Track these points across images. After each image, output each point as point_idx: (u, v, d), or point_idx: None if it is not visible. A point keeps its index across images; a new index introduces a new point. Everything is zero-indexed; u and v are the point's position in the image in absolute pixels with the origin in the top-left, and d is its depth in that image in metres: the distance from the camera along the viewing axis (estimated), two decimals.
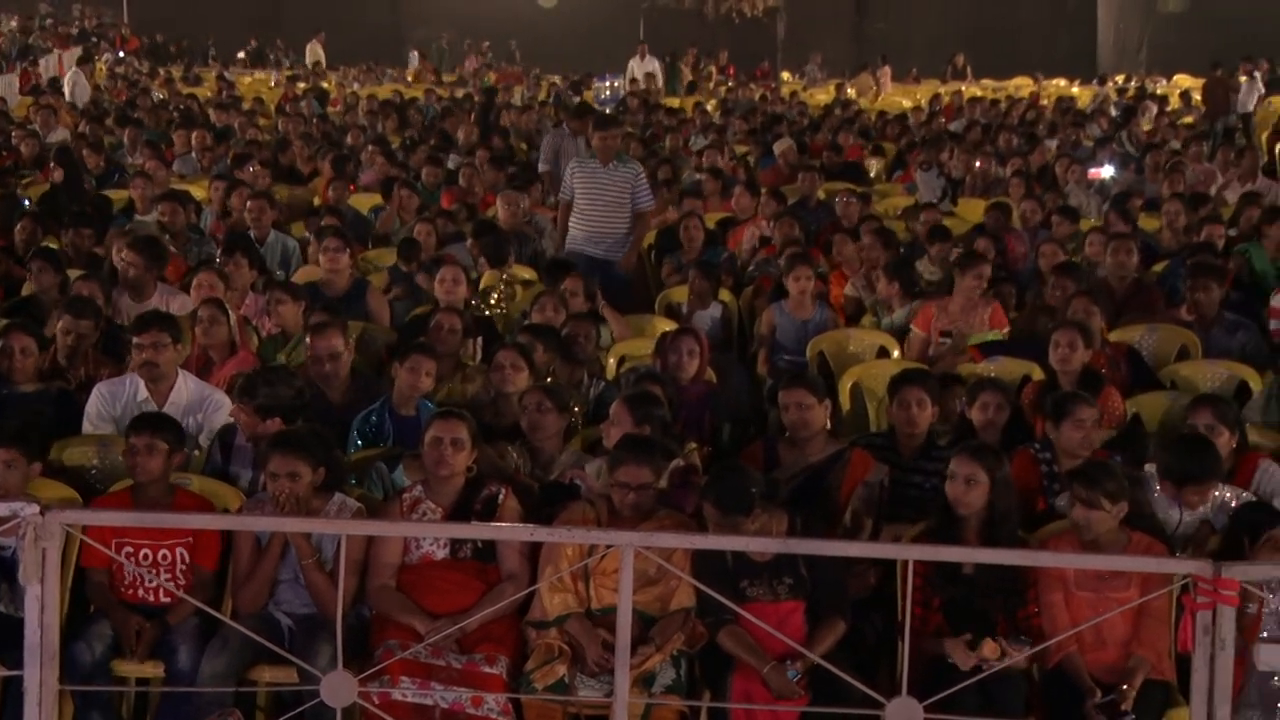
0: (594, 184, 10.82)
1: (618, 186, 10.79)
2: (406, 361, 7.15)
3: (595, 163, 10.85)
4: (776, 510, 5.84)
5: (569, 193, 11.02)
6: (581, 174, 10.91)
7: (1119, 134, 18.80)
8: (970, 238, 11.03)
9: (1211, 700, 4.24)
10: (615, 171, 10.80)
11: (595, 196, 10.80)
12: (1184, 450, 6.24)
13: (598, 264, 10.51)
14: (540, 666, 5.55)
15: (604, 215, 10.79)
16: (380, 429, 7.06)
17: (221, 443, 6.72)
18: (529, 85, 28.39)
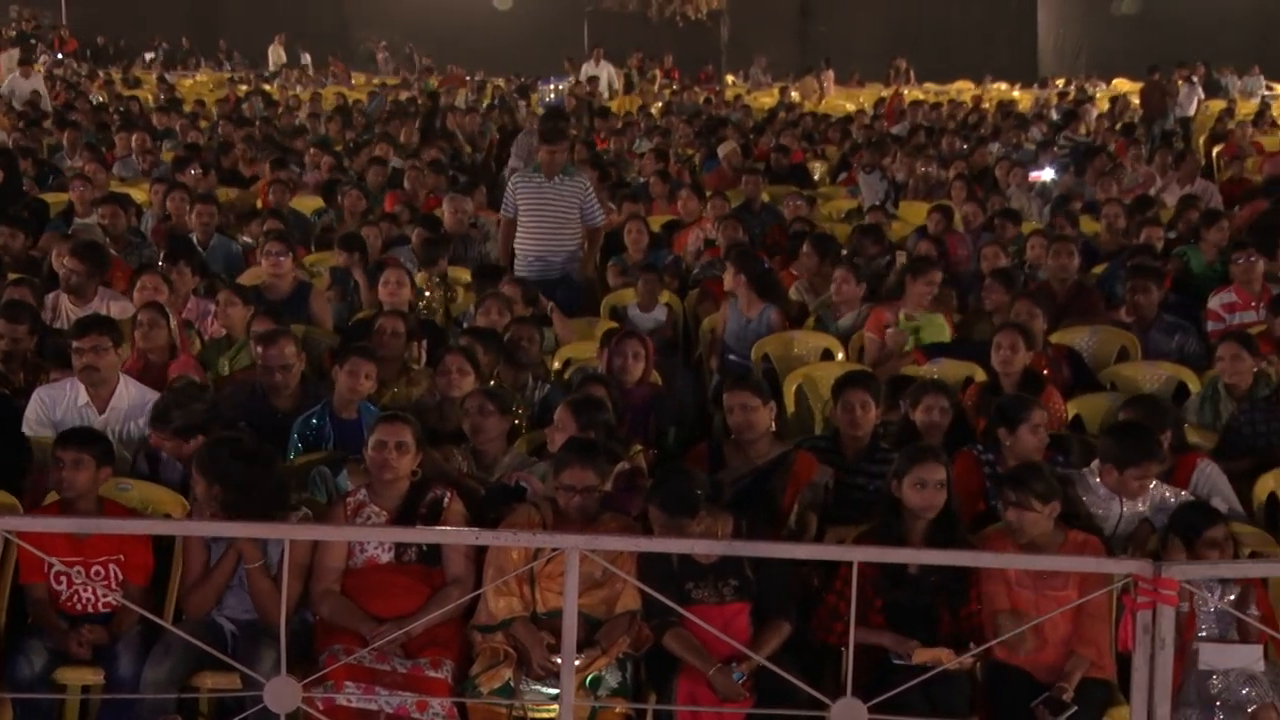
0: (540, 199, 10.19)
1: (565, 201, 10.19)
2: (345, 364, 7.13)
3: (540, 177, 10.23)
4: (722, 513, 5.85)
5: (511, 209, 10.33)
6: (526, 189, 10.26)
7: (1059, 137, 18.96)
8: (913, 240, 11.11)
9: (1151, 699, 4.27)
10: (562, 185, 10.20)
11: (542, 213, 10.18)
12: (1124, 434, 6.34)
13: (551, 285, 9.83)
14: (485, 670, 5.54)
15: (553, 232, 10.21)
16: (321, 432, 7.02)
17: (147, 456, 6.64)
18: (472, 88, 28.32)
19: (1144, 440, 6.25)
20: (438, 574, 5.85)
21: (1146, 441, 6.24)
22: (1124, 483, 6.20)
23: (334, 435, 7.00)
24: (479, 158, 18.04)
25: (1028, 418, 6.50)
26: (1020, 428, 6.48)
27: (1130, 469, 6.16)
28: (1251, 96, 27.10)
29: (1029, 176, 15.13)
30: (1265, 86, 28.76)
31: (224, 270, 10.67)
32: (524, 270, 10.07)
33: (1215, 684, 5.46)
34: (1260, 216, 11.82)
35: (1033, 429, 6.48)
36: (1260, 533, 6.24)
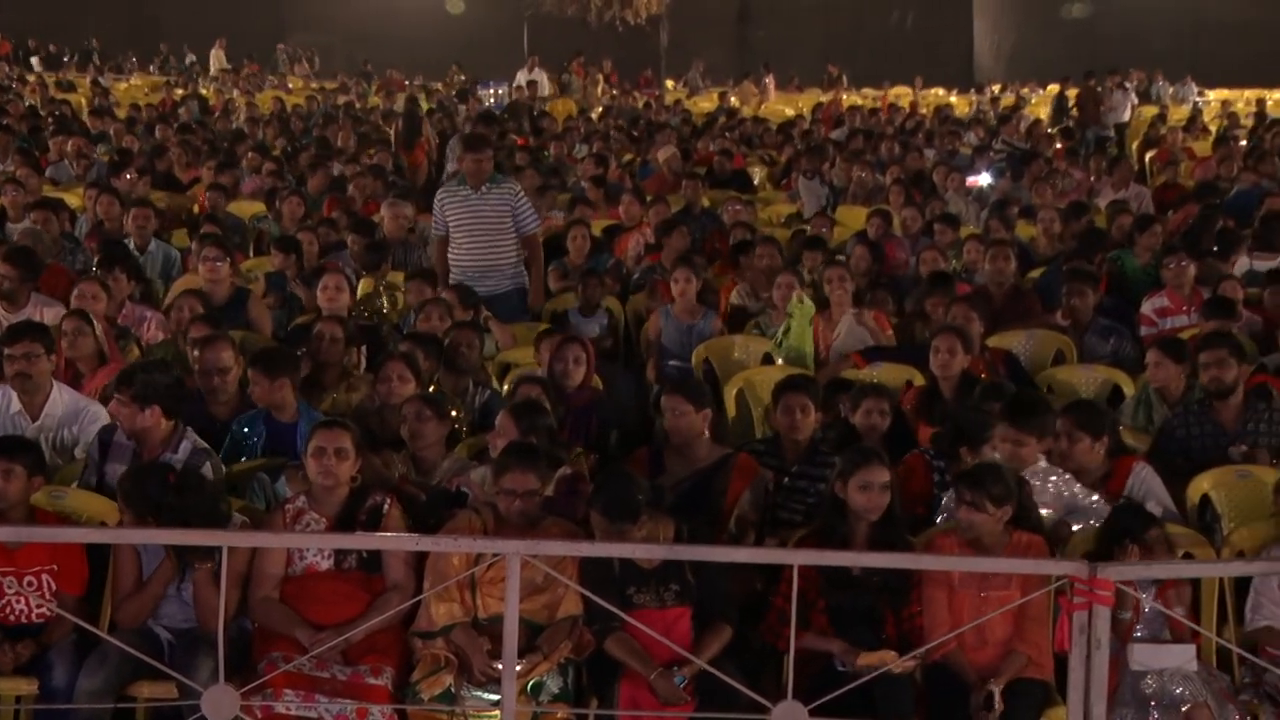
0: (468, 212, 9.75)
1: (496, 211, 9.72)
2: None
3: (466, 188, 9.80)
4: (663, 517, 5.86)
5: (442, 226, 9.86)
6: (453, 203, 9.79)
7: (995, 142, 19.13)
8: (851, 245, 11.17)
9: (1087, 699, 4.32)
10: (490, 194, 9.74)
11: (472, 226, 9.74)
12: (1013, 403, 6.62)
13: (492, 301, 9.41)
14: (426, 677, 5.52)
15: (486, 245, 9.74)
16: (256, 434, 7.00)
17: (100, 440, 6.62)
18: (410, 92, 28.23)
19: (1036, 409, 6.53)
20: (378, 580, 5.83)
21: (1037, 410, 6.52)
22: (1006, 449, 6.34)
23: (266, 435, 6.97)
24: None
25: (991, 437, 6.55)
26: (983, 447, 6.52)
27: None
28: (1183, 103, 27.44)
29: (966, 181, 15.25)
30: (1197, 93, 29.14)
31: (161, 276, 10.59)
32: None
33: (1150, 684, 5.52)
34: (1192, 221, 11.96)
35: (994, 446, 6.53)
36: (1193, 534, 6.30)
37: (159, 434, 6.44)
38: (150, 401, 6.37)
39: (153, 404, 6.37)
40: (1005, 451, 6.35)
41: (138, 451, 6.43)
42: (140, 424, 6.38)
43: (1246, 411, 7.18)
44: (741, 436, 7.80)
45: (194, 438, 6.52)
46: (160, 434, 6.44)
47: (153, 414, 6.36)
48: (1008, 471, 5.97)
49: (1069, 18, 35.82)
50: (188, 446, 6.45)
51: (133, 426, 6.43)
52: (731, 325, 9.70)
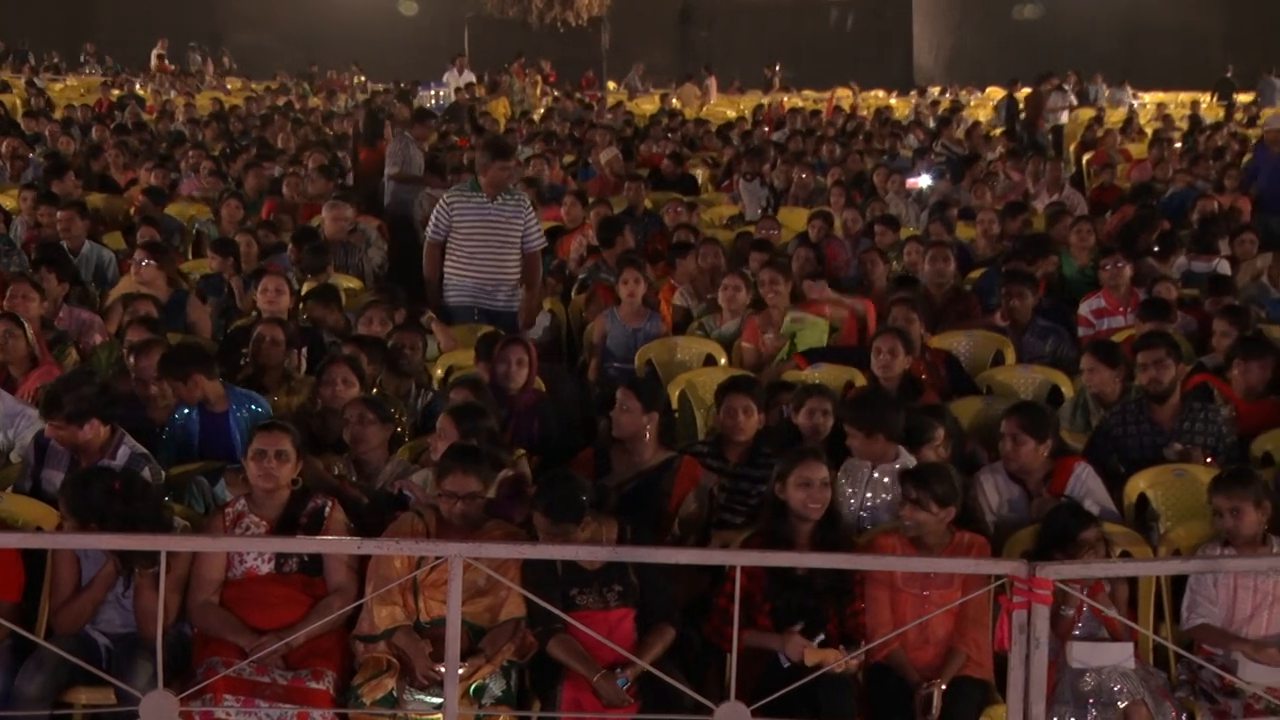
0: (483, 221, 9.24)
1: (509, 223, 9.25)
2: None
3: (482, 195, 9.28)
4: (606, 518, 5.86)
5: (443, 231, 9.31)
6: (465, 209, 9.27)
7: (935, 144, 19.24)
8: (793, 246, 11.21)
9: (1027, 697, 4.35)
10: (505, 205, 9.29)
11: (487, 236, 9.24)
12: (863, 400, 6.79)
13: (497, 317, 9.05)
14: (368, 680, 5.49)
15: (498, 258, 9.28)
16: (188, 425, 6.98)
17: (36, 445, 6.55)
18: (352, 93, 28.09)
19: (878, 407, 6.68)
20: (319, 584, 5.80)
21: (880, 409, 6.65)
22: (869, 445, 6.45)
23: (203, 427, 6.95)
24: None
25: (933, 438, 6.58)
26: (924, 448, 6.55)
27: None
28: (1119, 106, 27.71)
29: (906, 183, 15.34)
30: (1132, 96, 29.44)
31: (95, 278, 10.49)
32: (461, 299, 9.32)
33: (1088, 681, 5.57)
34: (1128, 223, 12.08)
35: (934, 448, 6.56)
36: (1131, 533, 6.37)
37: (98, 442, 6.37)
38: (86, 417, 6.29)
39: (89, 418, 6.30)
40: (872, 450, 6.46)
41: (75, 458, 6.36)
42: (81, 439, 6.31)
43: (1183, 411, 7.26)
44: (685, 438, 7.81)
45: (131, 443, 6.47)
46: (99, 442, 6.38)
47: (91, 428, 6.29)
48: (953, 472, 6.01)
49: (1020, 18, 36.14)
50: (126, 452, 6.39)
51: (74, 443, 6.36)
52: (674, 327, 9.72)
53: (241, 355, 8.02)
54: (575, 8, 34.89)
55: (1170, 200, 14.43)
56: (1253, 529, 5.84)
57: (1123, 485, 6.82)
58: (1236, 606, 5.85)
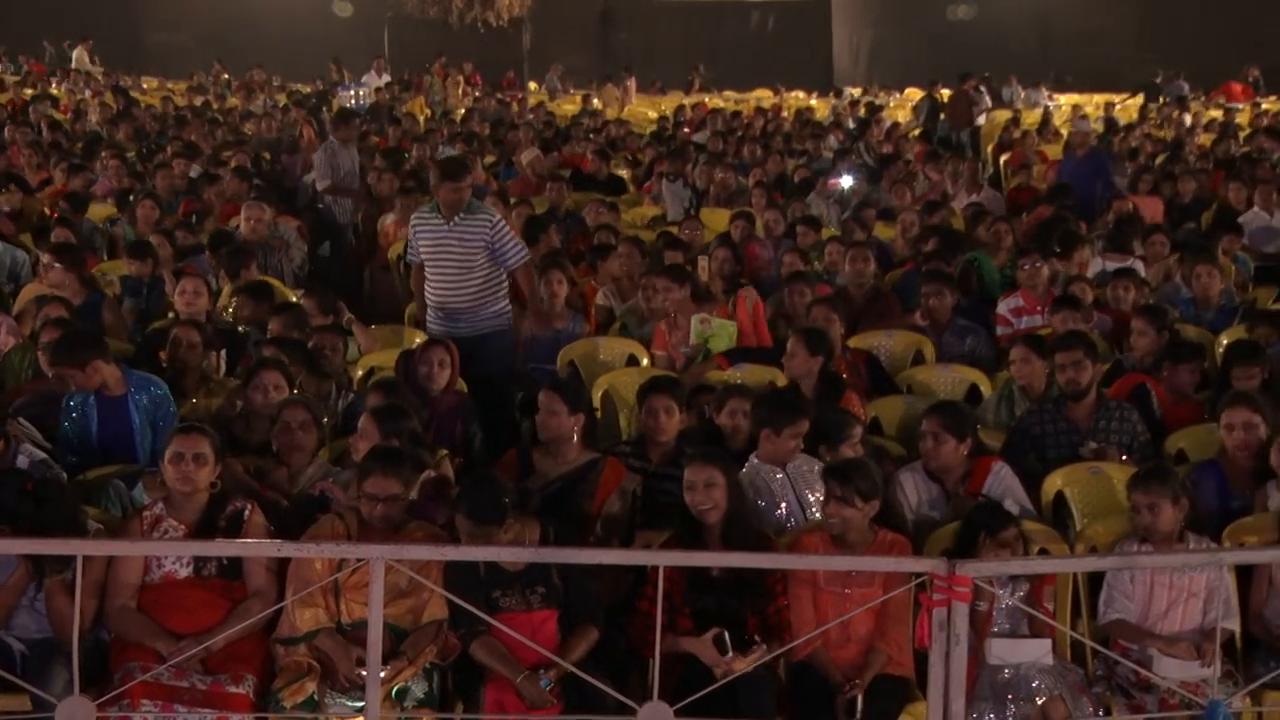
0: (439, 244, 8.78)
1: (465, 245, 8.71)
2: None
3: (438, 218, 8.79)
4: (529, 519, 5.86)
5: (416, 254, 8.95)
6: (424, 232, 8.83)
7: (856, 145, 19.38)
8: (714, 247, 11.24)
9: (947, 694, 4.39)
10: (459, 226, 8.72)
11: (442, 259, 8.78)
12: (773, 400, 6.84)
13: (468, 344, 8.40)
14: (288, 684, 5.45)
15: (455, 281, 8.75)
16: (84, 412, 6.93)
17: None
18: (270, 93, 27.85)
19: (790, 400, 6.83)
20: (239, 588, 5.75)
21: (792, 401, 6.80)
22: (783, 444, 6.52)
23: (100, 412, 6.89)
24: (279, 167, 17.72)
25: (849, 436, 6.62)
26: (842, 446, 6.59)
27: (786, 429, 6.52)
28: (1036, 107, 28.02)
29: (827, 184, 15.43)
30: (1048, 97, 29.79)
31: (8, 279, 10.34)
32: (434, 326, 8.85)
33: (1007, 678, 5.64)
34: (1044, 223, 12.22)
35: (852, 446, 6.60)
36: (1049, 530, 6.44)
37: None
38: None
39: None
40: (790, 448, 6.54)
41: None
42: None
43: (1099, 410, 7.36)
44: (608, 438, 7.81)
45: (30, 450, 6.37)
46: None
47: None
48: (874, 468, 6.06)
49: (955, 19, 36.51)
50: (24, 461, 6.30)
51: None
52: (598, 327, 9.72)
53: (159, 358, 7.93)
54: (496, 8, 34.78)
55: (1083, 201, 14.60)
56: (1169, 525, 5.92)
57: (1040, 483, 6.89)
58: (1152, 602, 5.93)
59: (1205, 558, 5.95)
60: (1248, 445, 6.71)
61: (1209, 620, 5.80)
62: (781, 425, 6.57)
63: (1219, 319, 9.71)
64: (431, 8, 34.91)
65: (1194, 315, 9.76)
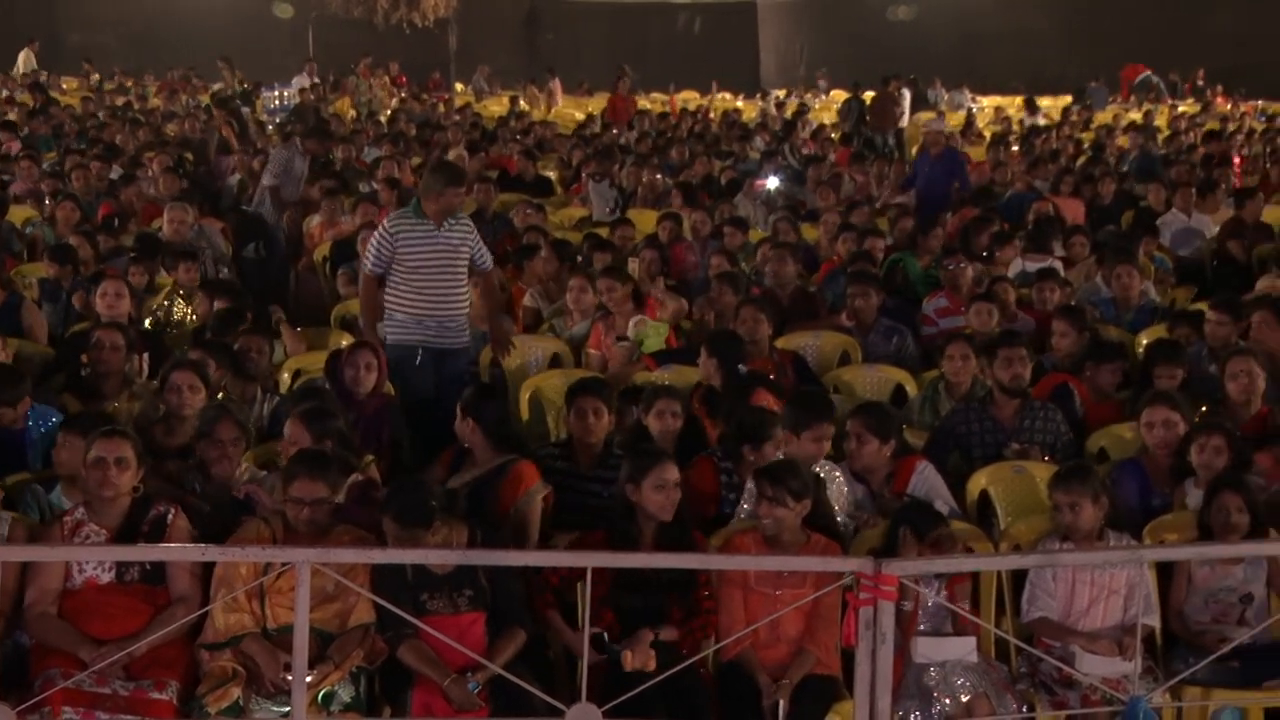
0: (434, 250, 8.32)
1: (457, 251, 8.37)
2: None
3: (427, 223, 8.33)
4: (456, 522, 5.84)
5: (384, 263, 8.35)
6: (412, 238, 8.30)
7: (782, 147, 19.47)
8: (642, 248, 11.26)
9: (873, 692, 4.42)
10: (453, 232, 8.40)
11: (439, 266, 8.32)
12: (799, 402, 6.90)
13: (444, 357, 8.31)
14: (213, 690, 5.40)
15: (450, 289, 8.36)
16: None
17: None
18: (193, 94, 27.55)
19: (816, 403, 6.84)
20: (162, 593, 5.69)
21: (818, 404, 6.83)
22: (803, 446, 6.52)
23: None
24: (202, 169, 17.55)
25: (772, 435, 6.64)
26: (765, 446, 6.61)
27: (806, 431, 6.54)
28: (958, 108, 28.26)
29: (754, 185, 15.49)
30: (971, 99, 30.05)
31: None
32: (406, 338, 8.34)
33: (933, 676, 5.68)
34: (968, 224, 12.33)
35: (776, 445, 6.63)
36: (973, 529, 6.50)
37: None
38: None
39: None
40: (811, 450, 6.53)
41: None
42: None
43: (1023, 410, 7.43)
44: (537, 440, 7.80)
45: None
46: None
47: None
48: (804, 468, 6.09)
49: (894, 19, 36.77)
50: None
51: None
52: (525, 328, 9.70)
53: (80, 360, 7.84)
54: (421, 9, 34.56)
55: (1009, 202, 14.76)
56: (1090, 524, 5.99)
57: (964, 482, 6.96)
58: (1074, 600, 6.00)
59: (1126, 555, 6.03)
60: (1167, 443, 6.81)
61: (1130, 617, 5.87)
62: (802, 427, 6.58)
63: (1138, 319, 9.84)
64: (356, 8, 34.65)
65: (1114, 315, 9.88)
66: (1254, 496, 6.14)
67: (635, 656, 5.60)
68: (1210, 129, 22.99)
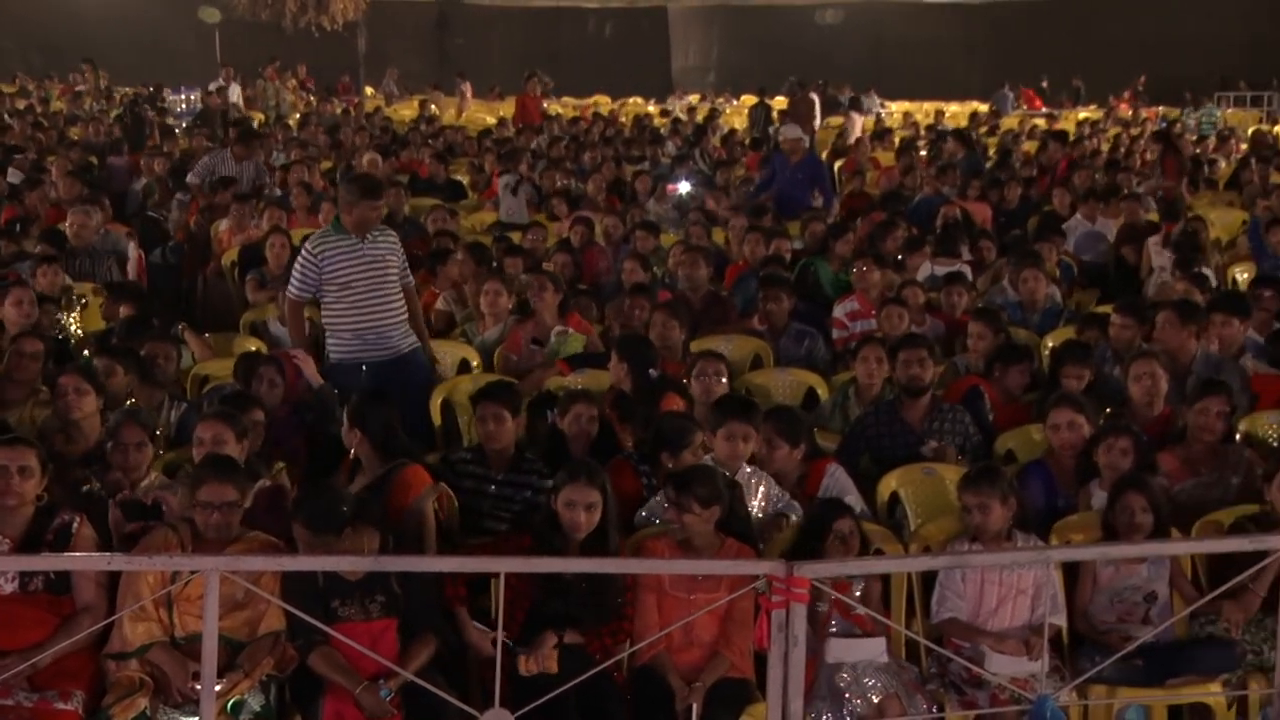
0: (361, 264, 8.20)
1: (385, 261, 8.29)
2: None
3: (350, 238, 8.20)
4: (368, 528, 5.80)
5: (311, 287, 8.22)
6: (337, 255, 8.16)
7: (694, 151, 19.54)
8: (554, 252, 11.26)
9: (786, 694, 4.44)
10: (378, 243, 8.30)
11: (369, 279, 8.21)
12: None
13: (391, 367, 8.17)
14: (120, 700, 5.33)
15: (384, 299, 8.27)
16: None
17: None
18: (97, 97, 27.19)
19: (733, 403, 6.81)
20: (67, 602, 5.61)
21: (735, 404, 6.79)
22: (719, 446, 6.53)
23: None
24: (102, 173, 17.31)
25: (690, 442, 6.65)
26: (683, 452, 6.62)
27: (720, 429, 6.54)
28: (868, 114, 28.51)
29: (666, 189, 15.53)
30: (880, 105, 30.33)
31: None
32: (346, 354, 8.23)
33: (845, 677, 5.72)
34: (875, 228, 12.44)
35: (694, 452, 6.64)
36: (884, 530, 6.56)
37: None
38: None
39: None
40: (726, 449, 6.52)
41: None
42: None
43: (932, 412, 7.51)
44: (449, 445, 7.77)
45: None
46: None
47: None
48: (718, 475, 6.09)
49: (822, 22, 37.01)
50: None
51: None
52: (437, 333, 9.66)
53: None
54: (330, 12, 34.34)
55: (917, 207, 14.91)
56: (999, 525, 6.06)
57: (875, 484, 7.01)
58: (983, 600, 6.06)
59: (1033, 555, 6.10)
60: (1072, 445, 6.90)
61: (1037, 616, 5.93)
62: (716, 426, 6.59)
63: (1044, 322, 9.98)
64: (264, 11, 34.35)
65: (1020, 318, 10.01)
66: (1158, 497, 6.24)
67: (531, 660, 5.59)
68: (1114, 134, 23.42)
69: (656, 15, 39.13)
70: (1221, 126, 25.44)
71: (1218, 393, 7.02)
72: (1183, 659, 5.96)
